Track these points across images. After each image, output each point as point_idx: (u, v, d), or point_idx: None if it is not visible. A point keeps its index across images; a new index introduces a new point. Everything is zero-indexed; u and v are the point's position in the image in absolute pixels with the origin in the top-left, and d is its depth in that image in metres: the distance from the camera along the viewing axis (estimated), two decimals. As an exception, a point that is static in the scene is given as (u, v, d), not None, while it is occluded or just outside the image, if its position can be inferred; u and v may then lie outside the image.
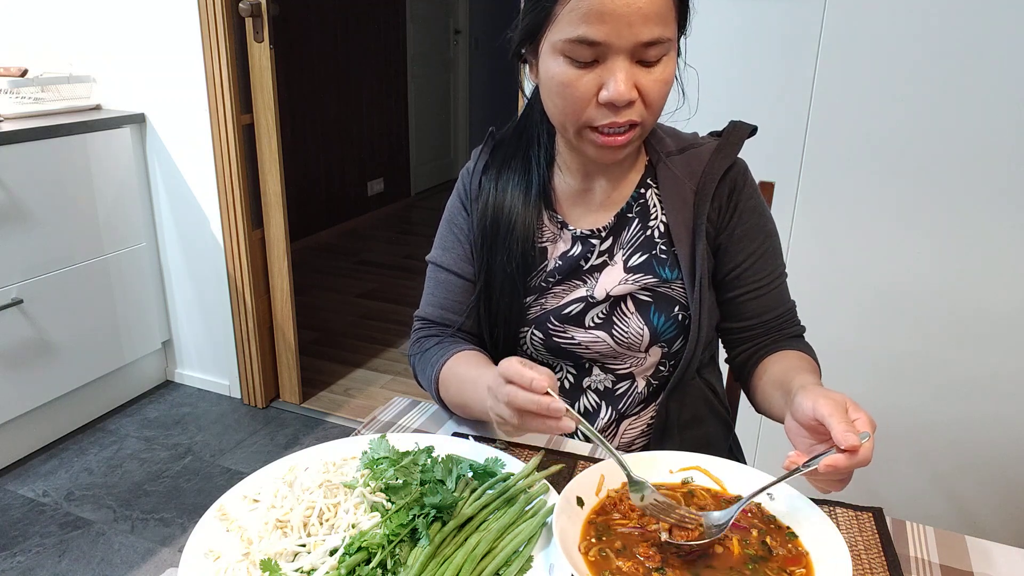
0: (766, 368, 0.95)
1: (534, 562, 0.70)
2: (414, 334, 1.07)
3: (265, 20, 2.24)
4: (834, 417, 0.67)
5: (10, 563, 1.84)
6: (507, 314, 1.00)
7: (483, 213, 1.00)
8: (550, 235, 0.99)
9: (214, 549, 0.71)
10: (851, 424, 0.67)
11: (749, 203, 0.97)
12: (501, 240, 0.98)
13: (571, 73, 0.82)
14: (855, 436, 0.66)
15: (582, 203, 0.99)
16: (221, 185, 2.38)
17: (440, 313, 1.04)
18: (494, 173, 1.01)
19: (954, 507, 1.80)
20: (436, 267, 1.05)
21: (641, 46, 0.80)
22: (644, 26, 0.79)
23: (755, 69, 1.69)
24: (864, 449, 0.66)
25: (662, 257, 0.96)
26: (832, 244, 1.73)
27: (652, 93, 0.83)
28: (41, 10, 2.43)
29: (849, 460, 0.66)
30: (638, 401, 1.02)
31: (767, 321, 0.99)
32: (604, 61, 0.81)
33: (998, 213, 1.58)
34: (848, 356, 1.78)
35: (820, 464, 0.66)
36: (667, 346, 0.98)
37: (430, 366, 0.99)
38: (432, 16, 5.25)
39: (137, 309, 2.53)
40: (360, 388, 2.78)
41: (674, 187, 0.96)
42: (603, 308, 0.97)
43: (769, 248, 0.99)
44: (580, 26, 0.79)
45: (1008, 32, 1.48)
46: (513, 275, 0.98)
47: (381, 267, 4.08)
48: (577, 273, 0.98)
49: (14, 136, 2.06)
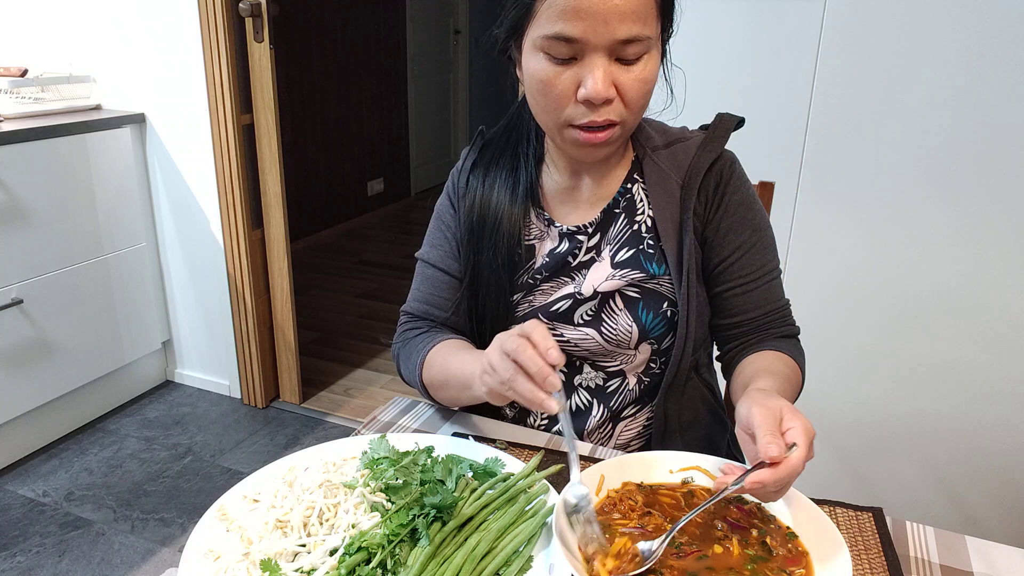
0: (742, 368, 0.94)
1: (534, 562, 0.70)
2: (399, 328, 1.08)
3: (265, 20, 2.24)
4: (762, 428, 0.66)
5: (10, 563, 1.84)
6: (494, 310, 0.99)
7: (470, 210, 1.00)
8: (537, 232, 0.99)
9: (214, 549, 0.71)
10: (777, 435, 0.66)
11: (736, 196, 0.95)
12: (488, 237, 0.98)
13: (550, 70, 0.82)
14: (777, 448, 0.65)
15: (569, 200, 0.99)
16: (221, 185, 2.38)
17: (425, 308, 1.05)
18: (482, 171, 1.01)
19: (954, 507, 1.80)
20: (424, 264, 1.06)
21: (619, 43, 0.80)
22: (621, 24, 0.79)
23: (755, 69, 1.69)
24: (792, 460, 0.65)
25: (649, 252, 0.95)
26: (832, 244, 1.73)
27: (631, 92, 0.83)
28: (41, 10, 2.43)
29: (774, 474, 0.65)
30: (631, 399, 1.01)
31: (754, 318, 0.97)
32: (582, 58, 0.81)
33: (999, 213, 1.58)
34: (847, 357, 1.78)
35: (746, 481, 0.65)
36: (656, 343, 0.97)
37: (415, 353, 0.99)
38: (432, 16, 5.25)
39: (137, 309, 2.53)
40: (360, 388, 2.78)
41: (660, 181, 0.96)
42: (592, 305, 0.96)
43: (758, 243, 0.96)
44: (557, 22, 0.79)
45: (1008, 31, 1.48)
46: (499, 272, 0.98)
47: (381, 267, 4.08)
48: (564, 270, 0.98)
49: (14, 136, 2.06)
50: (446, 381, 0.94)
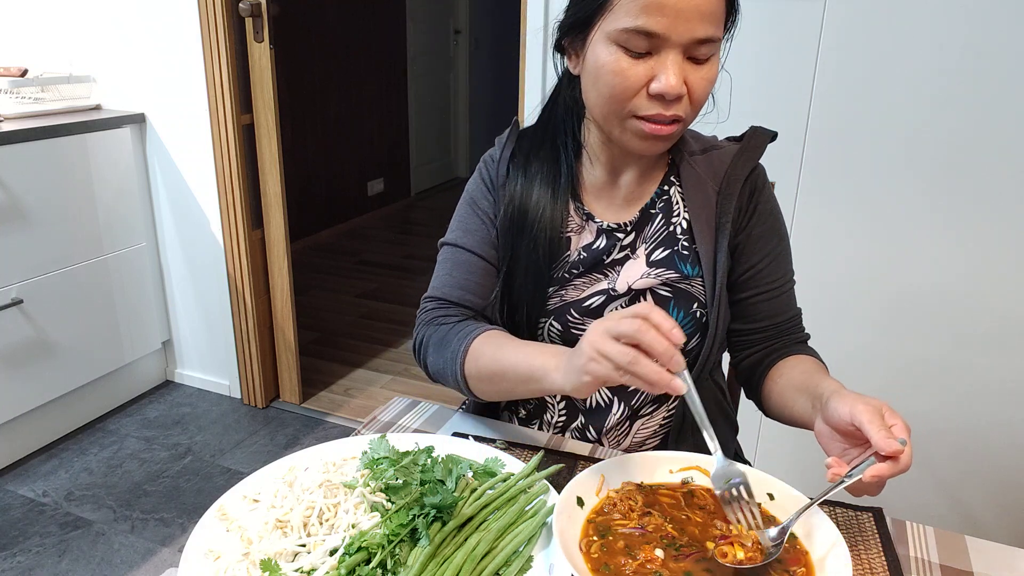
0: (782, 372, 0.95)
1: (534, 562, 0.70)
2: (426, 315, 1.02)
3: (265, 20, 2.24)
4: (873, 424, 0.68)
5: (10, 563, 1.84)
6: (529, 302, 0.99)
7: (510, 200, 1.00)
8: (575, 226, 1.00)
9: (214, 549, 0.71)
10: (889, 430, 0.68)
11: (767, 205, 0.99)
12: (528, 228, 0.98)
13: (624, 62, 0.83)
14: (895, 442, 0.66)
15: (606, 196, 1.00)
16: (221, 185, 2.38)
17: (460, 294, 1.01)
18: (521, 161, 1.01)
19: (954, 507, 1.80)
20: (456, 248, 1.02)
21: (695, 43, 0.82)
22: (701, 23, 0.81)
23: (755, 69, 1.69)
24: (904, 455, 0.67)
25: (684, 253, 0.97)
26: (832, 244, 1.73)
27: (698, 90, 0.85)
28: (41, 10, 2.43)
29: (892, 467, 0.67)
30: (651, 398, 1.02)
31: (778, 324, 1.00)
32: (657, 53, 0.83)
33: (998, 213, 1.58)
34: (849, 358, 1.78)
35: (865, 474, 0.67)
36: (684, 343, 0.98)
37: (456, 340, 0.94)
38: (432, 16, 5.25)
39: (137, 309, 2.53)
40: (360, 388, 2.78)
41: (697, 185, 0.98)
42: (623, 302, 0.97)
43: (782, 251, 1.00)
44: (640, 17, 0.81)
45: (1008, 31, 1.48)
46: (539, 262, 0.98)
47: (381, 267, 4.08)
48: (599, 266, 0.98)
49: (14, 136, 2.06)
50: (501, 372, 0.89)
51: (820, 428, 0.77)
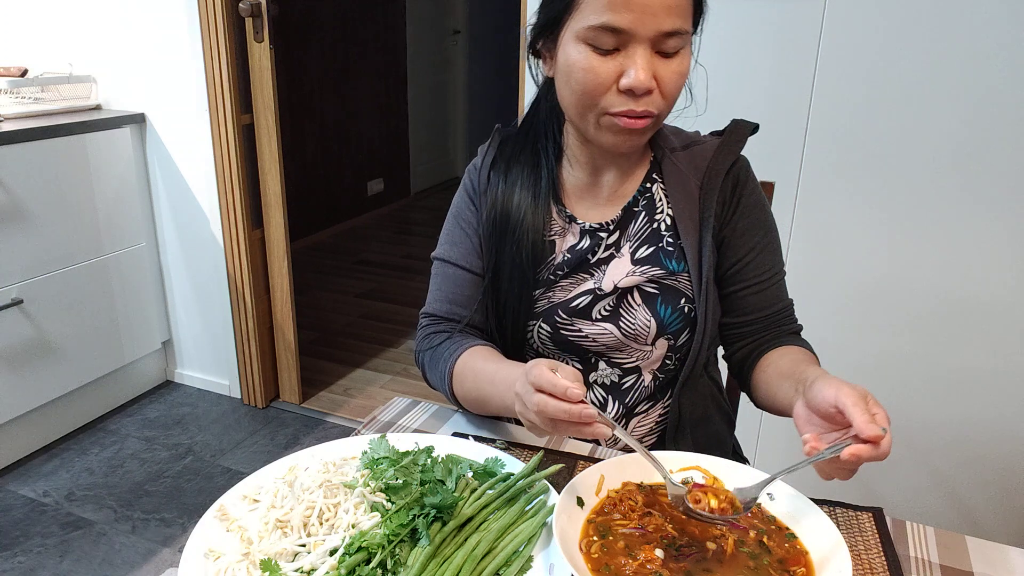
0: (771, 361, 0.96)
1: (534, 562, 0.70)
2: (421, 331, 1.06)
3: (265, 20, 2.24)
4: (857, 407, 0.68)
5: (11, 563, 1.84)
6: (516, 306, 1.00)
7: (492, 206, 1.01)
8: (558, 228, 1.00)
9: (214, 549, 0.71)
10: (872, 416, 0.68)
11: (751, 198, 0.99)
12: (511, 232, 0.99)
13: (593, 60, 0.84)
14: (877, 427, 0.67)
15: (589, 197, 1.00)
16: (221, 185, 2.38)
17: (448, 308, 1.04)
18: (502, 167, 1.02)
19: (954, 507, 1.80)
20: (443, 263, 1.05)
21: (662, 36, 0.82)
22: (667, 16, 0.81)
23: (755, 69, 1.69)
24: (884, 442, 0.67)
25: (668, 249, 0.97)
26: (832, 244, 1.73)
27: (669, 84, 0.85)
28: (41, 10, 2.43)
29: (872, 451, 0.67)
30: (645, 396, 1.02)
31: (767, 316, 1.00)
32: (625, 49, 0.83)
33: (999, 213, 1.58)
34: (848, 354, 1.78)
35: (844, 452, 0.67)
36: (673, 339, 0.98)
37: (442, 361, 0.98)
38: (431, 16, 5.25)
39: (137, 309, 2.53)
40: (360, 388, 2.78)
41: (680, 182, 0.98)
42: (610, 300, 0.97)
43: (769, 243, 1.00)
44: (605, 13, 0.81)
45: (1008, 31, 1.48)
46: (523, 266, 0.98)
47: (381, 267, 4.08)
48: (584, 266, 0.99)
49: (14, 136, 2.06)
50: (484, 400, 0.93)
51: (799, 411, 0.76)
